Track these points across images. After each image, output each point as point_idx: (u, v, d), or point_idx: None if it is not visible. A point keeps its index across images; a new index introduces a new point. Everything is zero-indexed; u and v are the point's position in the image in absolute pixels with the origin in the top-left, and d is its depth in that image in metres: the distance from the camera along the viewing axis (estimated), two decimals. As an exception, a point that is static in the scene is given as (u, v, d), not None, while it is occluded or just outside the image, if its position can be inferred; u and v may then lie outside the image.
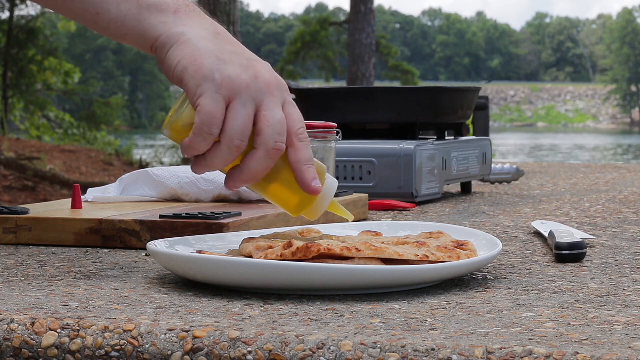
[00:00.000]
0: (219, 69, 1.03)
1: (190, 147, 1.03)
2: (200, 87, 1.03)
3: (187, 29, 1.07)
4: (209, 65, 1.03)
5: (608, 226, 1.49)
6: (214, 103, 1.02)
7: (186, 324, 0.84)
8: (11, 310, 0.89)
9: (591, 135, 48.31)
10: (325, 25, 18.30)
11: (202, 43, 1.05)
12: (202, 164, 1.05)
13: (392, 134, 1.87)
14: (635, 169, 2.65)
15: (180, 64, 1.05)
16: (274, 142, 1.03)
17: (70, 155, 12.92)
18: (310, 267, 0.94)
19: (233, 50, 1.06)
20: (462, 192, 2.00)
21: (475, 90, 1.97)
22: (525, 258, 1.20)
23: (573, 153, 25.97)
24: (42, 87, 17.02)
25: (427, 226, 1.21)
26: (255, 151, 1.03)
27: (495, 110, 72.11)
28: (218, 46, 1.05)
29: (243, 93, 1.03)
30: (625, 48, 76.59)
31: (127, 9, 1.09)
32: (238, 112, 1.02)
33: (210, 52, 1.05)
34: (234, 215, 1.28)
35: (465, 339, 0.79)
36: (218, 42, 1.06)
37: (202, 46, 1.05)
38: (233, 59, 1.04)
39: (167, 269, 1.03)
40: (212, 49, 1.05)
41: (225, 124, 1.03)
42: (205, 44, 1.05)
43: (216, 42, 1.06)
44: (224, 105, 1.03)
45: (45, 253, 1.24)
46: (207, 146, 1.03)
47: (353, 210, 1.53)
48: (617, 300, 0.95)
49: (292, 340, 0.79)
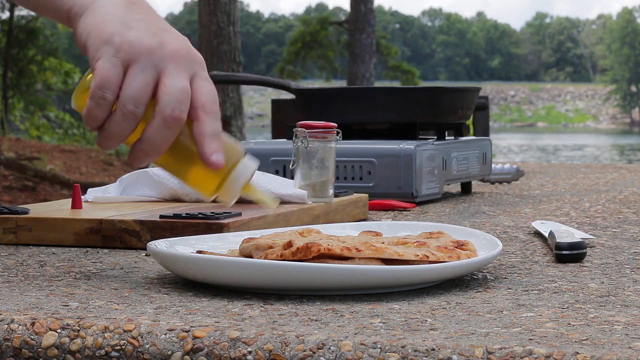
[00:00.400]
0: (120, 33, 1.00)
1: (88, 115, 0.99)
2: (99, 51, 0.99)
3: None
4: (111, 29, 1.00)
5: (608, 226, 1.49)
6: (110, 66, 0.98)
7: (186, 324, 0.84)
8: (11, 310, 0.89)
9: (591, 135, 48.32)
10: (325, 25, 18.31)
11: (110, 10, 1.02)
12: (102, 134, 1.00)
13: (392, 134, 1.87)
14: (635, 169, 2.65)
15: (84, 30, 1.02)
16: (171, 110, 0.98)
17: (70, 155, 12.91)
18: (310, 267, 0.94)
19: (144, 18, 1.02)
20: (462, 192, 2.00)
21: (475, 90, 1.97)
22: (525, 258, 1.20)
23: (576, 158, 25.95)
24: (42, 87, 17.01)
25: (427, 226, 1.21)
26: (153, 120, 0.99)
27: (495, 110, 72.10)
28: (127, 13, 1.02)
29: (143, 58, 0.99)
30: (625, 48, 76.61)
31: None
32: (134, 76, 0.98)
33: (117, 18, 1.01)
34: (234, 215, 1.28)
35: (465, 339, 0.79)
36: (129, 9, 1.03)
37: (110, 12, 1.02)
38: (139, 25, 1.01)
39: (167, 269, 1.03)
40: (119, 15, 1.02)
41: (121, 89, 0.98)
42: (114, 11, 1.02)
43: (127, 9, 1.03)
44: (121, 69, 0.99)
45: (45, 253, 1.24)
46: (102, 112, 0.99)
47: (353, 210, 1.53)
48: (617, 300, 0.95)
49: (292, 340, 0.79)
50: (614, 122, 71.17)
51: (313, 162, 1.45)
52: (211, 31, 10.12)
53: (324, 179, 1.46)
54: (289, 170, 1.74)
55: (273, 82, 2.06)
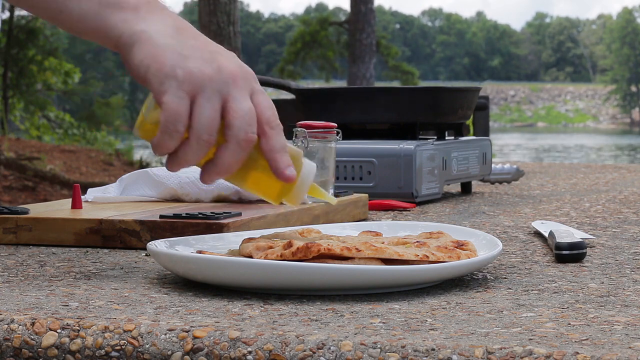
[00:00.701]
0: (180, 65, 1.02)
1: (159, 145, 1.02)
2: (163, 85, 1.01)
3: (148, 26, 1.05)
4: (171, 61, 1.02)
5: (608, 226, 1.49)
6: (177, 100, 1.01)
7: (186, 324, 0.84)
8: (11, 310, 0.89)
9: (590, 135, 48.30)
10: (325, 25, 18.30)
11: (162, 40, 1.04)
12: (175, 161, 1.03)
13: (392, 134, 1.87)
14: (635, 169, 2.65)
15: (142, 63, 1.03)
16: (244, 134, 1.01)
17: (70, 155, 12.91)
18: (310, 267, 0.94)
19: (195, 44, 1.04)
20: (462, 192, 2.00)
21: (475, 90, 1.97)
22: (525, 258, 1.20)
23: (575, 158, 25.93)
24: (42, 87, 17.01)
25: (427, 226, 1.21)
26: (227, 144, 1.02)
27: (495, 110, 72.10)
28: (179, 41, 1.04)
29: (207, 87, 1.01)
30: (625, 48, 76.60)
31: (89, 7, 1.08)
32: (203, 106, 1.01)
33: (172, 48, 1.03)
34: (234, 215, 1.28)
35: (465, 339, 0.79)
36: (179, 37, 1.05)
37: (163, 43, 1.03)
38: (195, 54, 1.03)
39: (167, 269, 1.03)
40: (173, 45, 1.03)
41: (192, 120, 1.01)
42: (166, 40, 1.04)
43: (178, 37, 1.05)
44: (188, 101, 1.01)
45: (45, 253, 1.24)
46: (175, 143, 1.02)
47: (353, 210, 1.53)
48: (617, 300, 0.95)
49: (292, 340, 0.79)
50: (614, 122, 71.17)
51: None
52: (211, 31, 10.12)
53: (324, 179, 1.46)
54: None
55: (273, 82, 2.06)
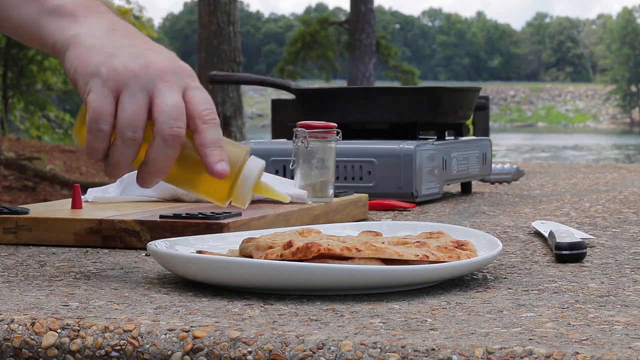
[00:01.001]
0: (104, 63, 1.00)
1: (89, 148, 1.01)
2: (88, 85, 1.00)
3: (81, 29, 1.04)
4: (95, 61, 1.01)
5: (608, 226, 1.49)
6: (101, 97, 0.99)
7: (186, 324, 0.84)
8: (11, 310, 0.89)
9: (590, 135, 48.29)
10: (325, 25, 18.30)
11: (91, 41, 1.03)
12: (108, 165, 1.02)
13: (392, 134, 1.87)
14: (636, 169, 2.65)
15: (72, 66, 1.02)
16: (169, 128, 0.99)
17: (70, 155, 12.91)
18: (310, 267, 0.94)
19: (127, 43, 1.03)
20: (462, 192, 2.00)
21: (475, 90, 1.97)
22: (525, 258, 1.20)
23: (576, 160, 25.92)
24: (42, 87, 17.01)
25: (427, 226, 1.21)
26: (153, 140, 1.00)
27: (495, 110, 72.08)
28: (109, 41, 1.03)
29: (131, 83, 1.00)
30: (625, 48, 76.60)
31: (28, 15, 1.07)
32: (126, 102, 0.99)
33: (99, 47, 1.02)
34: (234, 215, 1.28)
35: (465, 339, 0.79)
36: (111, 37, 1.03)
37: (91, 44, 1.02)
38: (122, 52, 1.01)
39: (167, 269, 1.03)
40: (101, 45, 1.02)
41: (117, 118, 0.99)
42: (95, 42, 1.03)
43: (108, 37, 1.03)
44: (112, 99, 0.99)
45: (45, 253, 1.24)
46: (102, 145, 1.00)
47: (353, 210, 1.53)
48: (617, 300, 0.95)
49: (292, 340, 0.79)
50: (614, 122, 71.16)
51: (313, 162, 1.45)
52: (211, 31, 10.13)
53: (324, 179, 1.46)
54: (289, 170, 1.74)
55: (273, 82, 2.06)
